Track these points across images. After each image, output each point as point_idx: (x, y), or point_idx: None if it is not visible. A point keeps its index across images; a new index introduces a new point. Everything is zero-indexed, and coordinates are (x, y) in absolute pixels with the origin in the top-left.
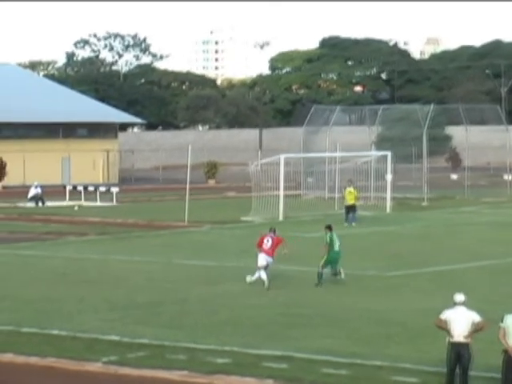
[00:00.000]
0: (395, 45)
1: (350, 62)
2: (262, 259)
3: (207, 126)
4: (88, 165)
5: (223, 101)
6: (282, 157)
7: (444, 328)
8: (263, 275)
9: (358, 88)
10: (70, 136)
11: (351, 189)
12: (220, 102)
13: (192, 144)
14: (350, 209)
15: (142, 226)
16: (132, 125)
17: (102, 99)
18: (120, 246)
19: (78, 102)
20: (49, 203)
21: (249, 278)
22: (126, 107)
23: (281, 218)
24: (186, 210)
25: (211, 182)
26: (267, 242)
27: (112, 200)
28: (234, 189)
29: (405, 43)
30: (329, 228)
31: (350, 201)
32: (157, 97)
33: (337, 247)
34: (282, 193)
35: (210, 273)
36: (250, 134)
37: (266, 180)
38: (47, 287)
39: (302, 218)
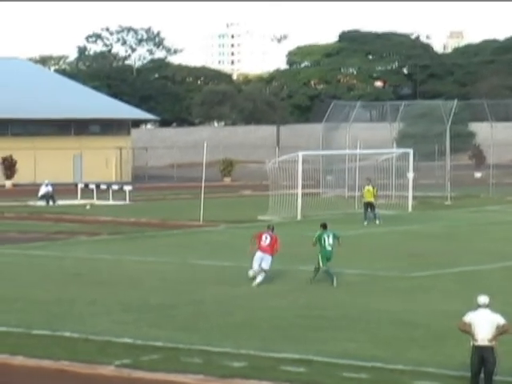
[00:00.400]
0: (417, 38)
1: (370, 56)
2: (256, 262)
3: (223, 123)
4: (100, 162)
5: (239, 96)
6: (301, 154)
7: (468, 331)
8: (259, 277)
9: (379, 83)
10: (82, 133)
11: (370, 187)
12: (236, 97)
13: (207, 141)
14: (369, 206)
15: (155, 226)
16: (145, 121)
17: (115, 95)
18: (133, 246)
19: (89, 98)
20: (60, 202)
21: (258, 280)
22: (139, 103)
23: (299, 217)
24: (201, 208)
25: (227, 180)
26: (265, 239)
27: (125, 199)
28: (250, 187)
29: (427, 37)
30: (322, 226)
31: (369, 199)
32: (171, 92)
33: (328, 246)
34: (300, 191)
35: (225, 273)
36: (267, 131)
37: (283, 178)
38: (58, 288)
39: (321, 217)
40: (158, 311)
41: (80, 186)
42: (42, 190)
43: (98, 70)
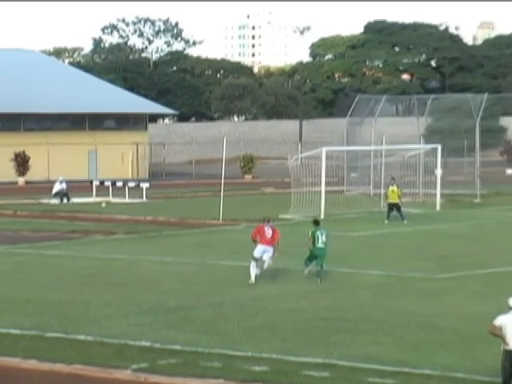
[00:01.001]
0: (446, 29)
1: (396, 48)
2: (259, 250)
3: (243, 117)
4: (116, 159)
5: (260, 90)
6: (324, 150)
7: (498, 335)
8: (253, 269)
9: (406, 76)
10: (97, 128)
11: (394, 187)
12: (257, 91)
13: (227, 136)
14: (394, 207)
15: (173, 224)
16: (163, 116)
17: (131, 88)
18: (150, 246)
19: (105, 92)
20: (74, 200)
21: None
22: (157, 97)
23: (322, 215)
24: (220, 207)
25: (247, 177)
26: (268, 232)
27: (142, 196)
28: (271, 184)
29: (456, 28)
30: (314, 223)
31: (393, 199)
32: (189, 86)
33: (320, 244)
34: (323, 189)
35: (246, 274)
36: (289, 126)
37: (306, 175)
38: (73, 290)
39: (345, 215)
40: (176, 313)
41: (95, 183)
42: (56, 188)
43: (113, 63)
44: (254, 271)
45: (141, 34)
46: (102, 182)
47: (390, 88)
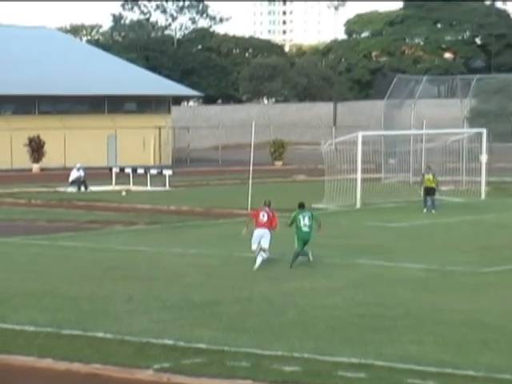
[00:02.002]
0: (492, 4)
1: (438, 25)
2: (255, 240)
3: (273, 100)
4: (137, 144)
5: (292, 70)
6: (360, 134)
7: None
8: (258, 257)
9: (449, 55)
10: (117, 111)
11: (430, 176)
12: (288, 71)
13: (256, 120)
14: (430, 192)
15: (198, 214)
16: (187, 98)
17: (153, 68)
18: (174, 237)
19: (125, 72)
20: (92, 188)
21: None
22: (181, 78)
23: (358, 205)
24: (248, 195)
25: (278, 164)
26: (263, 217)
27: (164, 184)
28: (304, 171)
29: (503, 2)
30: (299, 206)
31: (430, 184)
32: (215, 66)
33: (304, 227)
34: (359, 176)
35: (276, 268)
36: (322, 109)
37: (341, 161)
38: (91, 283)
39: (383, 205)
40: (202, 309)
41: (115, 170)
42: (73, 175)
43: (134, 41)
44: (259, 260)
45: (164, 10)
46: (121, 169)
47: (432, 68)
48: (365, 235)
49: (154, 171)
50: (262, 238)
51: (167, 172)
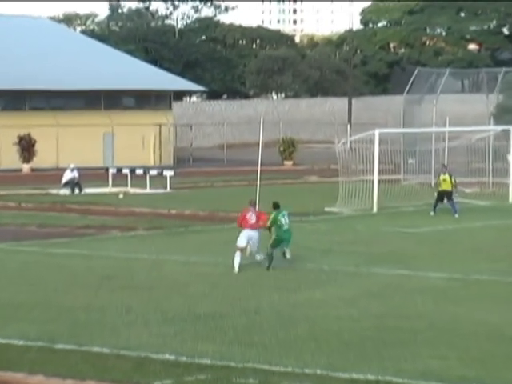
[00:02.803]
0: None
1: (462, 14)
2: (243, 238)
3: (283, 95)
4: (136, 143)
5: (303, 63)
6: (377, 132)
7: None
8: (237, 259)
9: (473, 46)
10: (114, 107)
11: (446, 176)
12: (299, 64)
13: (264, 116)
14: (445, 195)
15: (202, 219)
16: (190, 93)
17: (153, 61)
18: (175, 244)
19: (123, 65)
20: (87, 190)
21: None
22: (183, 71)
23: (375, 209)
24: (256, 198)
25: (288, 164)
26: (251, 217)
27: (165, 186)
28: (316, 172)
29: None
30: (275, 206)
31: (445, 188)
32: (220, 58)
33: (285, 225)
34: (376, 177)
35: (286, 277)
36: (336, 104)
37: (356, 161)
38: (86, 294)
39: (402, 209)
40: (205, 322)
41: (111, 170)
42: (67, 176)
43: (133, 31)
44: (237, 261)
45: None
46: (119, 170)
47: (455, 60)
48: (382, 242)
49: (153, 172)
50: (251, 239)
51: (168, 173)
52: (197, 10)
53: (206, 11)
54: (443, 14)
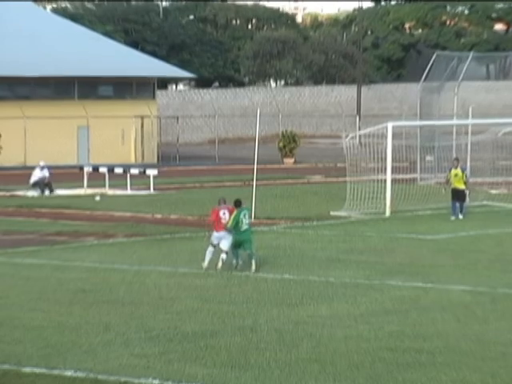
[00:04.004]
0: None
1: None
2: (215, 240)
3: (282, 82)
4: (114, 137)
5: (306, 46)
6: (390, 125)
7: None
8: (209, 255)
9: (500, 26)
10: (89, 96)
11: (458, 170)
12: (301, 47)
13: (261, 108)
14: (458, 194)
15: (190, 224)
16: (176, 80)
17: (135, 44)
18: (160, 253)
19: (99, 48)
20: (59, 191)
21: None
22: (168, 55)
23: (388, 212)
24: (252, 201)
25: (288, 162)
26: (224, 216)
27: (148, 187)
28: (320, 171)
29: None
30: (236, 204)
31: (457, 185)
32: (211, 41)
33: (245, 226)
34: (389, 177)
35: (287, 290)
36: (343, 93)
37: (366, 159)
38: (58, 310)
39: (418, 212)
40: (195, 341)
41: (87, 169)
42: (35, 176)
43: (111, 11)
44: (208, 256)
45: None
46: (95, 168)
47: (479, 42)
48: (396, 250)
49: (135, 171)
50: (221, 239)
51: (151, 172)
52: None
53: None
54: None
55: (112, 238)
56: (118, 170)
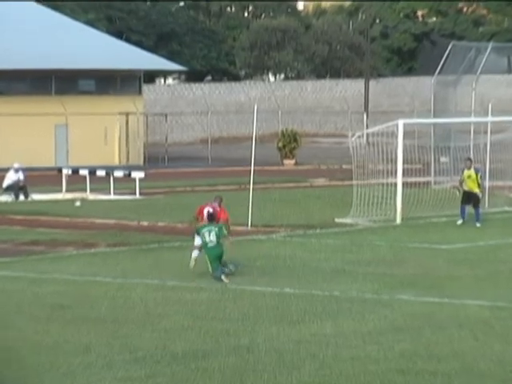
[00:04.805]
0: None
1: None
2: (199, 239)
3: (282, 76)
4: (96, 136)
5: (307, 35)
6: (401, 123)
7: None
8: (194, 254)
9: None
10: (68, 91)
11: (471, 171)
12: (303, 37)
13: (259, 104)
14: (471, 198)
15: (180, 233)
16: (165, 73)
17: (119, 34)
18: (146, 264)
19: (80, 38)
20: (35, 196)
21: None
22: (156, 46)
23: (398, 219)
24: (249, 206)
25: (289, 163)
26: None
27: (134, 191)
28: (324, 173)
29: None
30: (209, 218)
31: (471, 187)
32: (204, 30)
33: (210, 243)
34: (400, 180)
35: (287, 305)
36: (349, 88)
37: (374, 160)
38: (34, 328)
39: (432, 219)
40: (185, 363)
41: (66, 171)
42: (9, 179)
43: None
44: (194, 255)
45: None
46: (75, 171)
47: (499, 32)
48: (407, 261)
49: (119, 173)
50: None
51: (137, 174)
52: None
53: None
54: None
55: (93, 248)
56: (101, 173)
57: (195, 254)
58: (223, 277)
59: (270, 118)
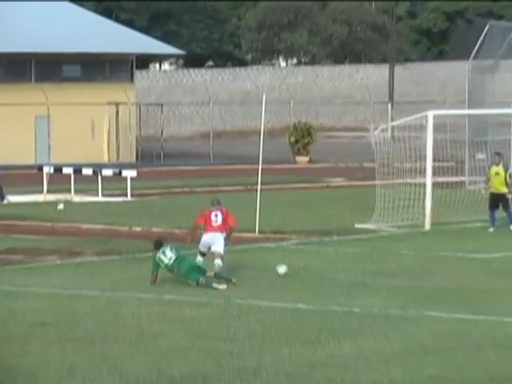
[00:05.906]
0: None
1: None
2: (205, 241)
3: (294, 61)
4: (82, 130)
5: (323, 15)
6: (431, 115)
7: None
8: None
9: None
10: (50, 78)
11: (499, 168)
12: (318, 16)
13: (268, 93)
14: (498, 201)
15: (178, 239)
16: (160, 58)
17: (108, 12)
18: (139, 275)
19: (64, 18)
20: (12, 198)
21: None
22: (150, 26)
23: (427, 225)
24: (256, 210)
25: (302, 161)
26: (216, 218)
27: (125, 192)
28: (341, 172)
29: None
30: (155, 246)
31: (498, 187)
32: (204, 9)
33: (171, 261)
34: (429, 180)
35: (300, 323)
36: (372, 75)
37: (400, 157)
38: (11, 348)
39: (467, 224)
40: None
41: (47, 169)
42: None
43: None
44: (199, 261)
45: None
46: (58, 169)
47: None
48: (438, 272)
49: (108, 172)
50: (212, 243)
51: (129, 173)
52: None
53: None
54: None
55: (79, 257)
56: (87, 171)
57: (199, 259)
58: (215, 284)
59: (280, 109)
